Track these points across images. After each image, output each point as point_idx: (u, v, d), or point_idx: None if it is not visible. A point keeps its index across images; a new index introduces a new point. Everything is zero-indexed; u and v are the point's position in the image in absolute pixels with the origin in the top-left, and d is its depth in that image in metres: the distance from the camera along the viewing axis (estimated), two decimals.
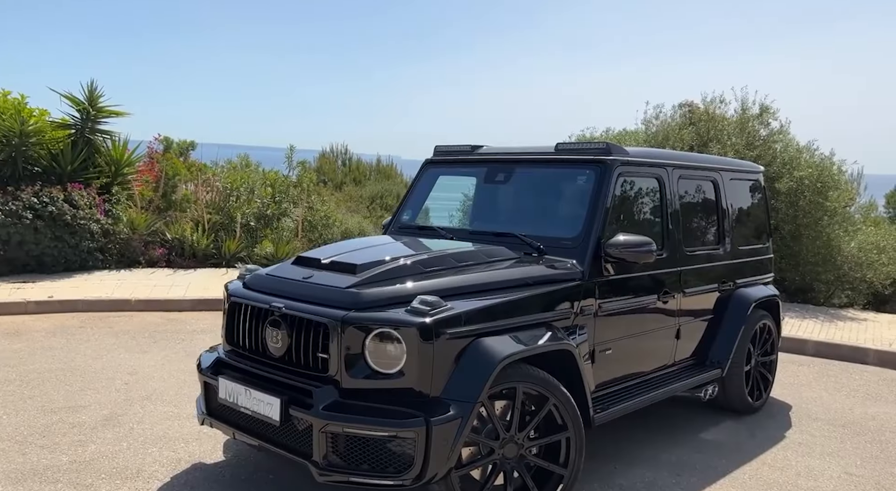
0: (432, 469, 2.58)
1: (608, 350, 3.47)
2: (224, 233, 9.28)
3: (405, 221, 4.33)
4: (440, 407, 2.63)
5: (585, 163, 3.64)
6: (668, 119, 8.98)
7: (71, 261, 8.01)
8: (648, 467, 3.53)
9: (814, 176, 7.80)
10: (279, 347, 2.89)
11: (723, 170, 4.47)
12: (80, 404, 4.15)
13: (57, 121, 9.01)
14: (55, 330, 5.96)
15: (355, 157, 21.02)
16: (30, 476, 3.18)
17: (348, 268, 3.03)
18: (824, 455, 3.80)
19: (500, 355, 2.74)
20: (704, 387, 4.11)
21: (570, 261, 3.37)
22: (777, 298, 4.73)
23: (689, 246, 4.05)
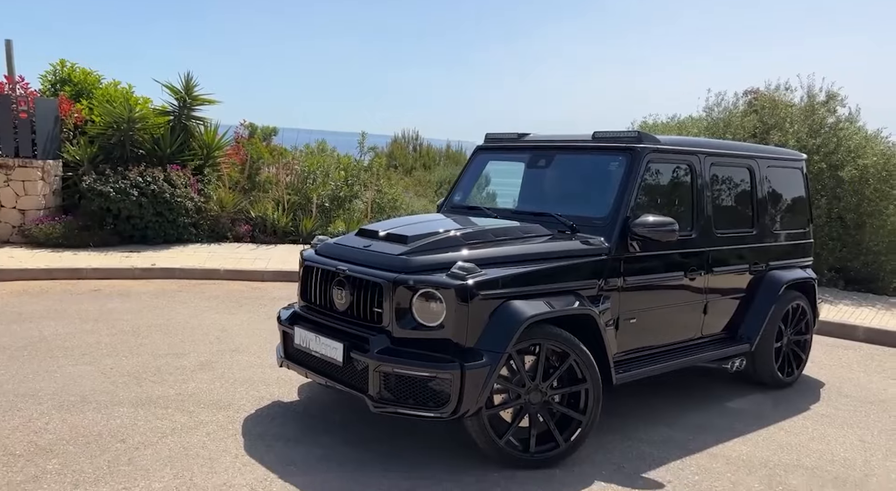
0: (465, 405, 3.09)
1: (633, 319, 3.86)
2: (301, 212, 10.11)
3: (457, 202, 4.83)
4: (474, 355, 3.13)
5: (618, 150, 4.00)
6: (730, 106, 8.98)
7: (169, 234, 9.04)
8: (668, 426, 3.90)
9: (879, 164, 7.67)
10: (343, 302, 3.48)
11: (760, 157, 4.69)
12: (181, 352, 4.94)
13: (158, 108, 10.07)
14: (157, 293, 6.88)
15: (426, 142, 21.65)
16: (147, 403, 3.94)
17: (401, 239, 3.57)
18: (843, 426, 4.04)
19: (525, 315, 3.21)
20: (731, 359, 4.40)
21: (599, 238, 3.76)
22: (812, 281, 4.91)
23: (719, 228, 4.33)
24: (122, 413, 3.75)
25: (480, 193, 5.15)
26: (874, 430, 3.99)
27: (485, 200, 4.97)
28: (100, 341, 5.11)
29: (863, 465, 3.48)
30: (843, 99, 8.39)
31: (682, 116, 10.17)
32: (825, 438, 3.83)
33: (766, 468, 3.39)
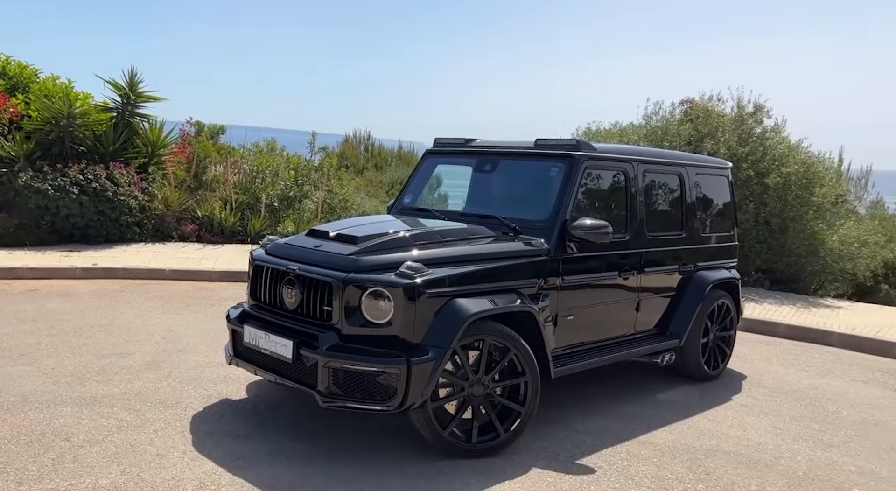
0: (411, 399, 3.24)
1: (570, 316, 4.09)
2: (250, 212, 10.03)
3: (406, 204, 4.98)
4: (420, 350, 3.29)
5: (558, 157, 4.24)
6: (667, 115, 9.45)
7: (111, 233, 8.83)
8: (603, 416, 4.15)
9: (800, 172, 8.25)
10: (293, 301, 3.57)
11: (689, 165, 5.02)
12: (126, 352, 4.90)
13: (100, 104, 9.81)
14: (100, 293, 6.75)
15: (377, 142, 21.67)
16: (91, 402, 3.92)
17: (351, 239, 3.69)
18: (760, 414, 4.39)
19: (469, 312, 3.38)
20: (662, 354, 4.71)
21: (539, 239, 3.98)
22: (736, 281, 5.29)
23: (651, 231, 4.63)
24: (66, 412, 3.72)
25: (430, 196, 5.31)
26: (786, 417, 4.35)
27: (434, 203, 5.13)
28: (39, 342, 5.01)
29: (774, 448, 3.81)
30: (768, 110, 8.98)
31: (624, 124, 10.62)
32: (743, 425, 4.16)
33: (689, 453, 3.67)
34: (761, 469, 3.52)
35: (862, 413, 4.51)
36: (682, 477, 3.38)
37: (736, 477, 3.41)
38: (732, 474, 3.44)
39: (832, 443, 3.94)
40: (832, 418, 4.37)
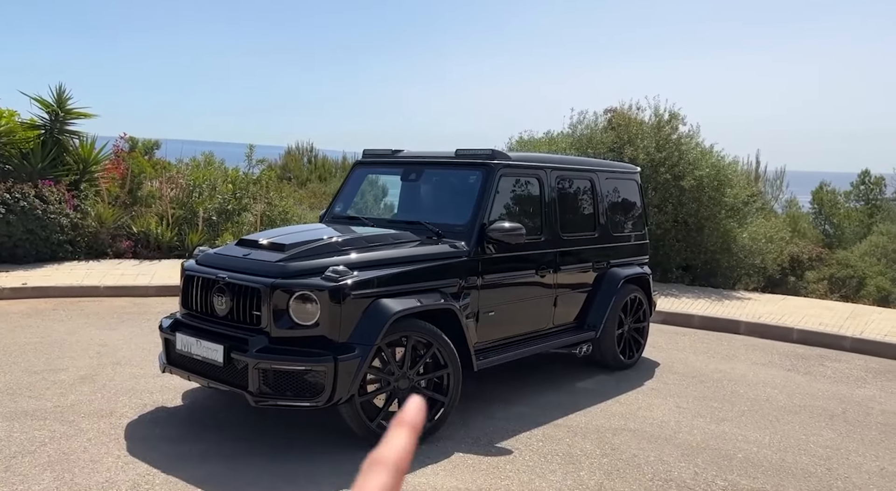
0: (339, 394, 3.46)
1: (491, 312, 4.40)
2: (187, 226, 9.99)
3: (337, 212, 5.20)
4: (346, 349, 3.52)
5: (475, 166, 4.56)
6: (591, 124, 9.99)
7: (42, 252, 8.66)
8: (524, 405, 4.47)
9: (712, 175, 8.90)
10: (223, 307, 3.74)
11: (599, 170, 5.45)
12: (59, 368, 4.92)
13: (26, 122, 9.60)
14: (30, 312, 6.66)
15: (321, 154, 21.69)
16: (22, 416, 3.96)
17: (279, 247, 3.89)
18: (667, 396, 4.81)
19: (392, 311, 3.64)
20: (579, 345, 5.08)
21: (461, 242, 4.28)
22: (647, 276, 5.73)
23: (565, 232, 5.01)
24: None
25: (362, 203, 5.55)
26: (689, 398, 4.78)
27: (365, 210, 5.37)
28: None
29: (675, 424, 4.21)
30: (683, 118, 9.62)
31: (554, 132, 11.13)
32: (651, 406, 4.56)
33: (598, 433, 4.02)
34: (661, 443, 3.90)
35: (756, 391, 4.99)
36: (589, 453, 3.72)
37: (637, 450, 3.77)
38: (635, 448, 3.80)
39: (726, 417, 4.38)
40: (730, 397, 4.83)
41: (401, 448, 0.54)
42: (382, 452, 0.54)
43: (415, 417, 0.57)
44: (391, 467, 0.53)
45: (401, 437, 0.55)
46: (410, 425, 0.56)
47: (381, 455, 0.54)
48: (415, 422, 0.57)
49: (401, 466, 0.53)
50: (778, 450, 3.85)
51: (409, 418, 0.57)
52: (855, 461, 3.76)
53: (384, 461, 0.53)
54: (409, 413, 0.57)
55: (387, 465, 0.53)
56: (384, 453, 0.54)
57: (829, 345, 6.43)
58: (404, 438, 0.55)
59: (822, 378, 5.43)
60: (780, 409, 4.59)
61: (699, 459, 3.67)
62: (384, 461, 0.53)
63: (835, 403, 4.78)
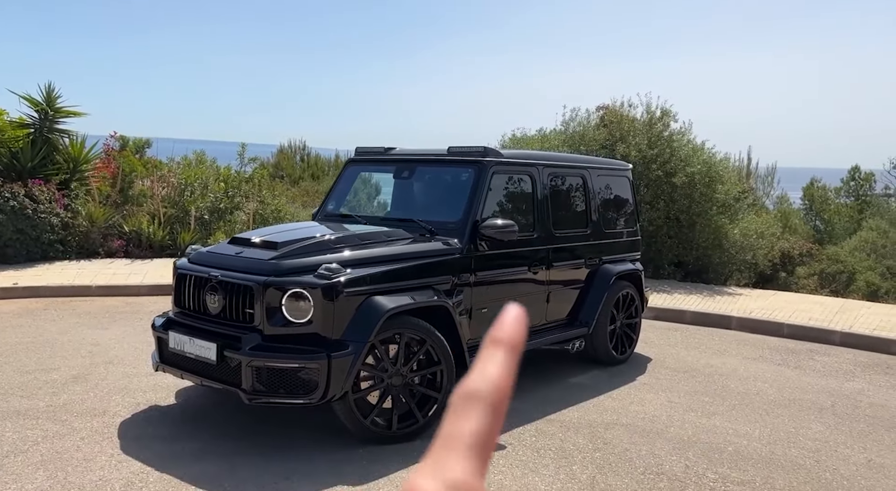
0: (332, 391, 3.47)
1: (484, 309, 4.42)
2: (179, 225, 9.96)
3: (330, 210, 5.21)
4: (340, 346, 3.52)
5: (468, 163, 4.57)
6: (583, 121, 10.02)
7: (33, 252, 8.61)
8: (518, 400, 4.48)
9: (703, 171, 8.94)
10: (216, 306, 3.74)
11: (591, 167, 5.47)
12: (51, 367, 4.90)
13: (15, 120, 9.54)
14: (21, 312, 6.63)
15: (314, 152, 21.64)
16: (14, 415, 3.95)
17: (271, 245, 3.89)
18: (658, 390, 4.84)
19: (385, 308, 3.65)
20: (572, 341, 5.10)
21: (453, 239, 4.29)
22: (639, 272, 5.77)
23: (558, 229, 5.03)
24: None
25: (357, 201, 5.56)
26: (681, 392, 4.82)
27: (360, 208, 5.38)
28: None
29: (666, 419, 4.24)
30: (675, 115, 9.66)
31: (547, 130, 11.15)
32: (643, 401, 4.59)
33: (591, 428, 4.05)
34: (652, 437, 3.93)
35: (746, 385, 5.03)
36: (582, 447, 3.75)
37: (629, 444, 3.80)
38: (626, 443, 3.83)
39: (717, 412, 4.42)
40: (720, 391, 4.87)
41: (497, 375, 0.42)
42: (476, 383, 0.42)
43: (512, 332, 0.43)
44: (487, 401, 0.41)
45: (497, 360, 0.42)
46: (508, 343, 0.43)
47: (475, 387, 0.41)
48: (513, 338, 0.43)
49: (499, 397, 0.42)
50: (768, 443, 3.89)
51: (506, 334, 0.43)
52: (843, 453, 3.81)
53: (478, 395, 0.41)
54: (506, 327, 0.43)
55: (482, 399, 0.41)
56: (478, 385, 0.42)
57: (819, 339, 6.49)
58: (501, 362, 0.42)
59: (812, 372, 5.48)
60: (770, 402, 4.63)
61: (690, 453, 3.71)
62: (478, 395, 0.41)
63: (824, 397, 4.83)
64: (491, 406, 0.41)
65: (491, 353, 0.43)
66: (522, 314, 0.44)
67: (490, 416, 0.41)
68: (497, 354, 0.43)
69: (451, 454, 0.40)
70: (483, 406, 0.41)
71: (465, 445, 0.40)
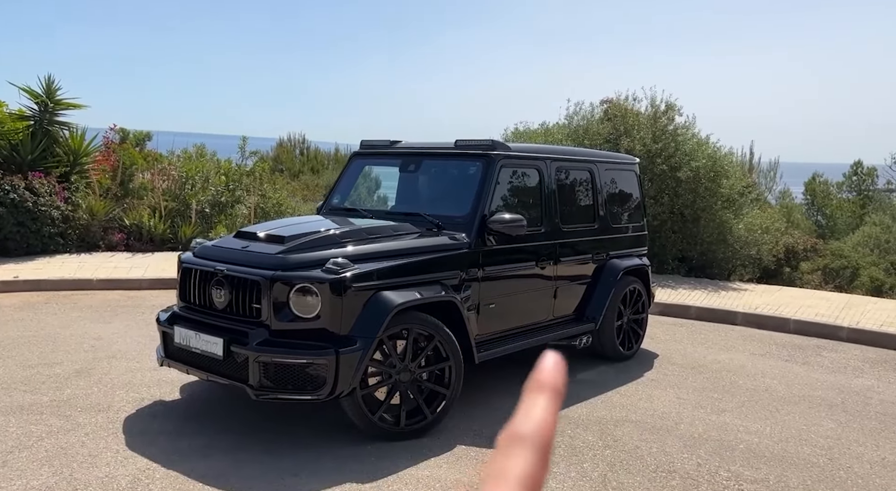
0: (340, 387, 3.43)
1: (492, 304, 4.37)
2: (180, 219, 9.89)
3: (335, 204, 5.15)
4: (348, 341, 3.48)
5: (475, 156, 4.51)
6: (587, 115, 9.95)
7: (33, 245, 8.55)
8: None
9: (708, 166, 8.89)
10: (222, 300, 3.69)
11: (598, 161, 5.41)
12: (53, 361, 4.85)
13: (15, 112, 9.45)
14: (22, 305, 6.57)
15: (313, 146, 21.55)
16: (18, 410, 3.90)
17: (278, 239, 3.84)
18: (667, 387, 4.81)
19: (394, 304, 3.60)
20: (579, 337, 5.06)
21: (461, 234, 4.24)
22: (646, 268, 5.72)
23: (565, 223, 4.98)
24: None
25: (368, 197, 5.50)
26: (689, 389, 4.78)
27: (362, 202, 5.32)
28: None
29: (676, 416, 4.21)
30: (679, 109, 9.59)
31: (550, 123, 11.08)
32: (651, 398, 4.56)
33: (600, 424, 4.01)
34: (663, 434, 3.90)
35: (755, 381, 5.00)
36: (592, 444, 3.71)
37: (640, 442, 3.77)
38: (637, 440, 3.79)
39: (726, 408, 4.38)
40: (729, 387, 4.83)
41: (542, 419, 0.44)
42: (522, 425, 0.44)
43: (554, 376, 0.46)
44: (534, 443, 0.43)
45: (541, 404, 0.45)
46: (550, 388, 0.46)
47: (521, 429, 0.44)
48: (555, 383, 0.46)
49: (545, 440, 0.44)
50: (779, 440, 3.85)
51: (548, 378, 0.46)
52: (856, 451, 3.77)
53: (525, 437, 0.44)
54: (546, 372, 0.46)
55: (529, 441, 0.44)
56: (524, 428, 0.44)
57: (826, 335, 6.46)
58: (545, 406, 0.45)
59: (820, 368, 5.45)
60: (779, 399, 4.59)
61: (701, 450, 3.67)
62: (525, 437, 0.44)
63: (833, 394, 4.80)
64: (537, 448, 0.44)
65: (534, 397, 0.46)
66: (561, 360, 0.47)
67: (537, 458, 0.43)
68: (540, 399, 0.46)
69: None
70: (530, 448, 0.43)
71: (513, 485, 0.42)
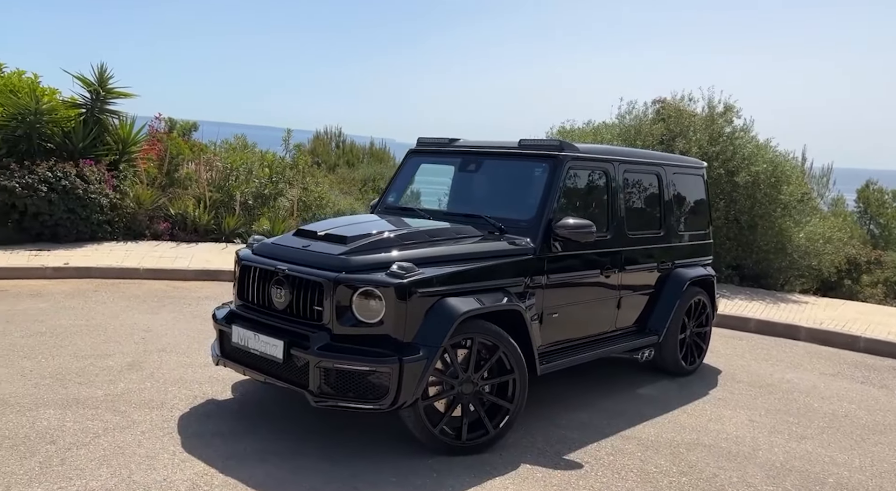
0: (403, 397, 3.27)
1: (555, 314, 4.17)
2: (224, 210, 9.89)
3: (390, 203, 5.00)
4: (411, 349, 3.32)
5: (541, 157, 4.31)
6: (640, 114, 9.63)
7: (82, 232, 8.62)
8: (586, 412, 4.25)
9: (768, 171, 8.50)
10: (282, 301, 3.57)
11: (666, 165, 5.15)
12: (105, 353, 4.82)
13: (68, 100, 9.55)
14: (73, 293, 6.60)
15: (349, 139, 21.54)
16: (74, 404, 3.85)
17: (340, 239, 3.70)
18: (736, 407, 4.54)
19: (459, 312, 3.43)
20: (641, 350, 4.83)
21: (525, 239, 4.05)
22: (712, 278, 5.44)
23: (632, 229, 4.74)
24: (49, 415, 3.66)
25: (413, 195, 5.33)
26: (761, 410, 4.51)
27: (417, 201, 5.16)
28: (14, 343, 4.89)
29: (751, 440, 3.95)
30: (738, 111, 9.21)
31: (597, 122, 10.77)
32: (721, 418, 4.30)
33: (671, 447, 3.79)
34: (741, 461, 3.65)
35: (832, 405, 4.69)
36: (666, 470, 3.49)
37: (717, 469, 3.53)
38: (714, 467, 3.56)
39: (806, 435, 4.10)
40: (804, 411, 4.54)
41: None
42: None
43: None
44: None
45: None
46: None
47: None
48: None
49: None
50: (873, 475, 3.57)
51: None
52: None
53: None
54: None
55: None
56: None
57: None
58: None
59: None
60: (863, 427, 4.29)
61: (787, 483, 3.42)
62: None
63: None
64: None
65: None
66: None
67: None
68: None
69: None
70: None
71: None
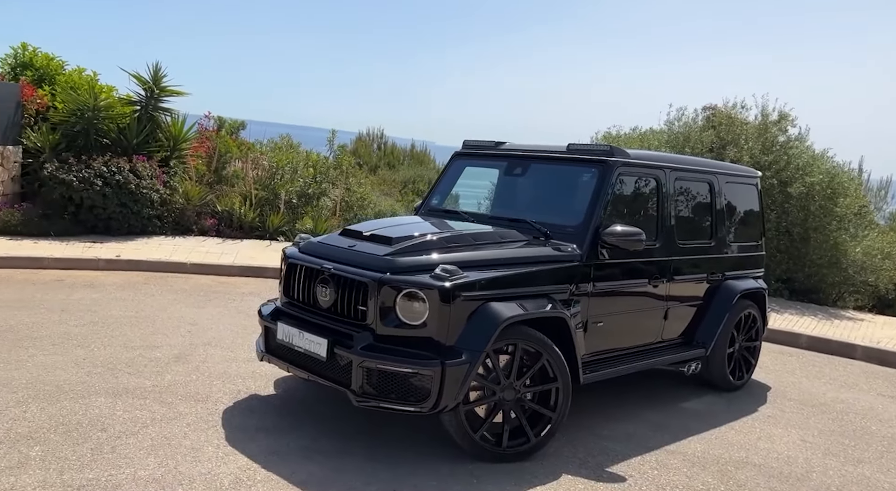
0: (445, 401, 3.25)
1: (600, 323, 4.09)
2: (268, 208, 10.07)
3: (434, 205, 4.99)
4: (454, 353, 3.29)
5: (591, 162, 4.23)
6: (689, 121, 9.40)
7: (133, 225, 8.90)
8: (631, 424, 4.15)
9: (825, 182, 8.19)
10: (327, 300, 3.59)
11: (719, 173, 5.00)
12: (153, 344, 4.94)
13: (124, 97, 9.88)
14: (124, 284, 6.81)
15: (390, 141, 21.69)
16: (123, 393, 3.96)
17: (385, 240, 3.70)
18: (787, 426, 4.37)
19: (503, 317, 3.38)
20: (688, 363, 4.69)
21: (572, 245, 3.98)
22: (763, 291, 5.26)
23: (681, 239, 4.61)
24: (100, 403, 3.76)
25: (457, 197, 5.32)
26: (814, 431, 4.32)
27: (461, 204, 5.14)
28: (69, 332, 5.07)
29: (804, 462, 3.79)
30: (793, 119, 8.91)
31: (643, 129, 10.58)
32: (771, 437, 4.14)
33: (718, 465, 3.66)
34: (793, 483, 3.50)
35: (892, 429, 4.47)
36: (713, 488, 3.37)
37: (768, 490, 3.39)
38: (764, 487, 3.42)
39: (863, 459, 3.92)
40: (861, 433, 4.34)
41: None
42: None
43: None
44: None
45: None
46: None
47: None
48: None
49: None
50: None
51: None
52: None
53: None
54: None
55: None
56: None
57: None
58: None
59: None
60: None
61: None
62: None
63: None
64: None
65: None
66: None
67: None
68: None
69: None
70: None
71: None
